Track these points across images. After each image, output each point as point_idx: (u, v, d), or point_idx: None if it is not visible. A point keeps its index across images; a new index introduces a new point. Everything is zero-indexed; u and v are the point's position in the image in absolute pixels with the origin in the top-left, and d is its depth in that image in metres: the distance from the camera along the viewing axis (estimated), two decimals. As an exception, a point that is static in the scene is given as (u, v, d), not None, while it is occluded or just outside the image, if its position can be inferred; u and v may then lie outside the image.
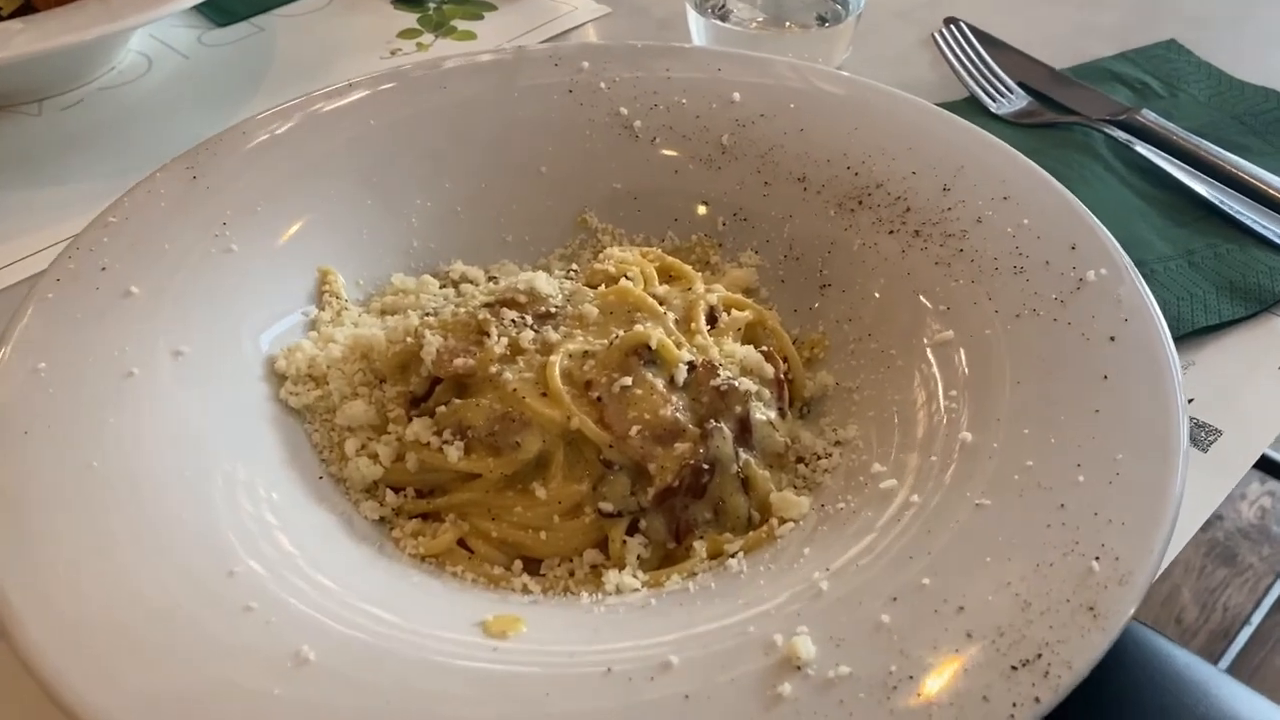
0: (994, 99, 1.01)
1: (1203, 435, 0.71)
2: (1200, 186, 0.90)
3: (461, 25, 1.16)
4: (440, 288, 0.71)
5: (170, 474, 0.54)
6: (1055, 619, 0.46)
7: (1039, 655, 0.45)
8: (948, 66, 1.05)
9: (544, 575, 0.57)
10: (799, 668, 0.46)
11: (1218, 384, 0.73)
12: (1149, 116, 0.97)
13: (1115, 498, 0.51)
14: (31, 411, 0.55)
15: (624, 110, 0.78)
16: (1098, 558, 0.48)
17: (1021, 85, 1.03)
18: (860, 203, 0.71)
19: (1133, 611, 0.47)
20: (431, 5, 1.19)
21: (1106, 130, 0.96)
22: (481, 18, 1.17)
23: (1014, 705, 0.44)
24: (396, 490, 0.61)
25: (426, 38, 1.14)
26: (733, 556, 0.56)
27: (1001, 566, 0.49)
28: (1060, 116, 0.99)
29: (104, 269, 0.64)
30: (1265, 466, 0.69)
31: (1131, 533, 0.49)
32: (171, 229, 0.67)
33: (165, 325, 0.61)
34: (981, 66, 1.04)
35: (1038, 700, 0.44)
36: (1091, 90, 1.02)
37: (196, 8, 1.16)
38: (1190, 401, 0.70)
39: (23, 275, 0.86)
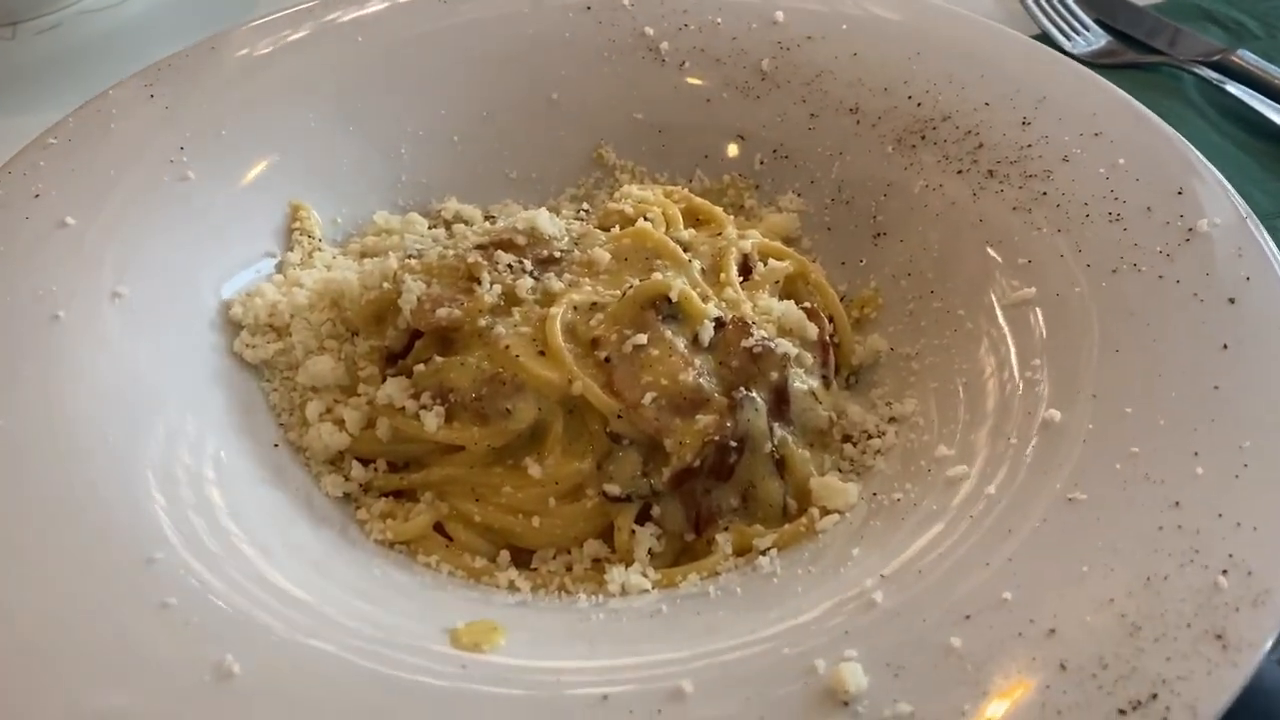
0: (1069, 37, 0.90)
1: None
2: (1309, 136, 0.79)
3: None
4: (430, 228, 0.61)
5: (93, 438, 0.45)
6: (1173, 648, 0.37)
7: (1154, 695, 0.36)
8: (1017, 1, 0.94)
9: (535, 570, 0.48)
10: (846, 703, 0.36)
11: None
12: (1246, 57, 0.86)
13: (1243, 495, 0.41)
14: (-73, 357, 0.47)
15: (650, 30, 0.68)
16: (1225, 570, 0.39)
17: (1099, 23, 0.92)
18: (923, 138, 0.61)
19: (1269, 640, 0.37)
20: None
21: (1197, 72, 0.85)
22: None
23: (1124, 763, 0.34)
24: (365, 463, 0.52)
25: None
26: (764, 554, 0.47)
27: (1102, 579, 0.39)
28: (1144, 57, 0.88)
29: (37, 196, 0.55)
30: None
31: (1266, 540, 0.40)
32: (120, 153, 0.58)
33: (103, 262, 0.53)
34: (1056, 2, 0.93)
35: (1155, 757, 0.34)
36: (1179, 29, 0.91)
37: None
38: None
39: None
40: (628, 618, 0.43)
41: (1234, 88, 0.83)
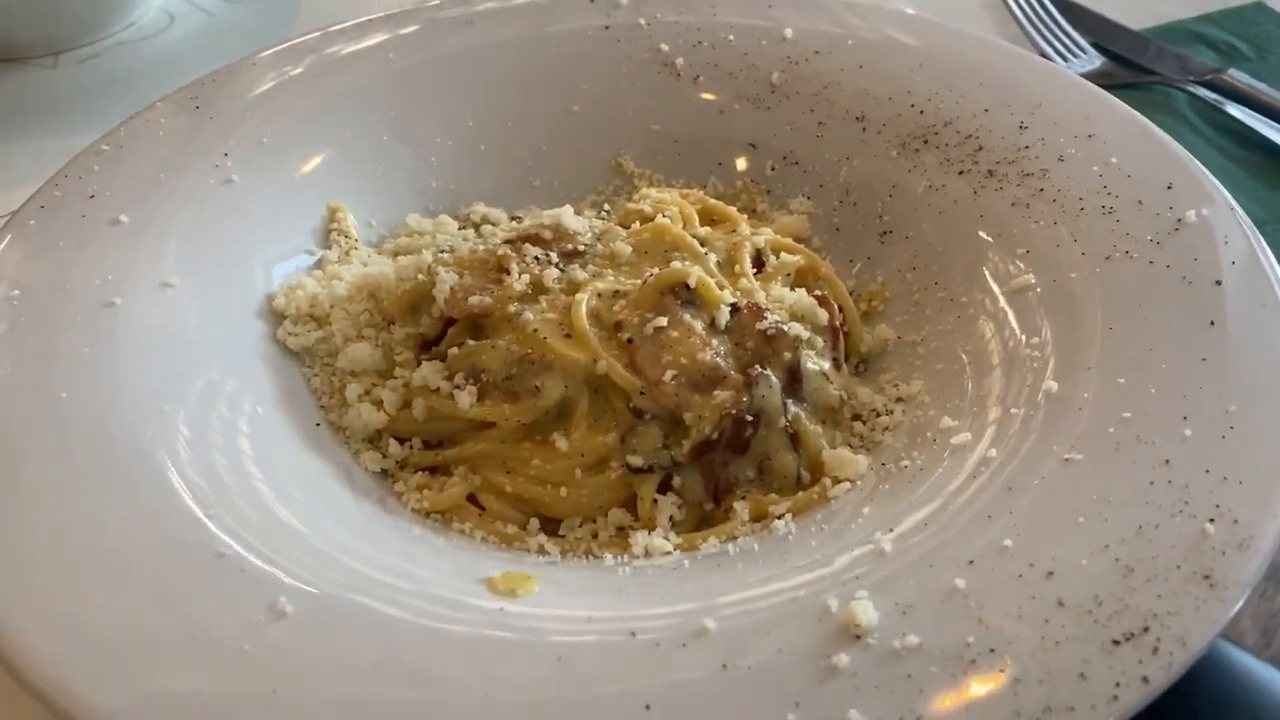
0: (1065, 59, 0.93)
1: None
2: (1297, 148, 0.82)
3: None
4: (459, 229, 0.64)
5: (147, 411, 0.48)
6: (1164, 588, 0.39)
7: (1146, 629, 0.38)
8: (1015, 25, 0.98)
9: (563, 537, 0.51)
10: (858, 636, 0.38)
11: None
12: (1237, 77, 0.89)
13: (1229, 453, 0.44)
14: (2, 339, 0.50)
15: (665, 47, 0.72)
16: (1212, 519, 0.41)
17: (1095, 46, 0.95)
18: (926, 142, 0.64)
19: (1255, 581, 0.40)
20: (466, -35, 1.13)
21: (1190, 90, 0.88)
22: (518, -23, 1.11)
23: (1117, 685, 0.36)
24: (401, 441, 0.54)
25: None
26: (779, 519, 0.49)
27: (1097, 527, 0.42)
28: (1139, 77, 0.92)
29: (92, 197, 0.58)
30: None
31: (1250, 491, 0.42)
32: (168, 158, 0.61)
33: (154, 256, 0.56)
34: (1051, 24, 0.97)
35: (1146, 680, 0.37)
36: (1172, 51, 0.95)
37: (223, -35, 1.12)
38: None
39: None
40: (652, 572, 0.46)
41: (1228, 105, 0.86)
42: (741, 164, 0.70)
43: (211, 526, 0.43)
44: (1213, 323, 0.49)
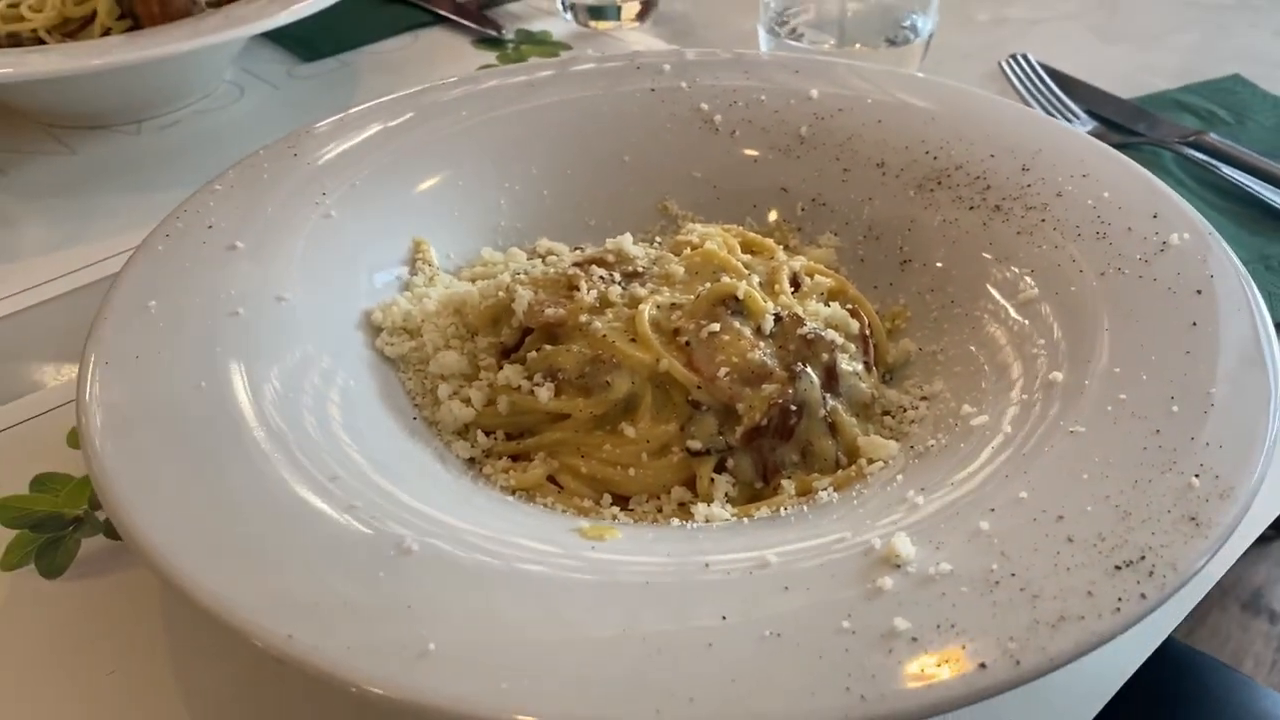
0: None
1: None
2: (1273, 198, 0.91)
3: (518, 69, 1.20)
4: (527, 259, 0.72)
5: (275, 398, 0.56)
6: (1156, 527, 0.46)
7: (1142, 557, 0.45)
8: (1015, 95, 1.07)
9: (633, 510, 0.58)
10: (898, 565, 0.45)
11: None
12: (1217, 139, 0.98)
13: (1210, 424, 0.51)
14: (142, 340, 0.58)
15: (704, 106, 0.81)
16: (1197, 475, 0.48)
17: (1088, 112, 1.05)
18: (939, 183, 0.73)
19: (1235, 522, 0.46)
20: (510, 45, 1.24)
21: (1175, 149, 0.97)
22: (557, 55, 1.21)
23: (1119, 600, 0.43)
24: (487, 433, 0.62)
25: (506, 73, 1.18)
26: (822, 491, 0.56)
27: (1099, 483, 0.49)
28: (1128, 138, 1.01)
29: (210, 227, 0.66)
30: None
31: (1230, 453, 0.49)
32: (274, 196, 0.70)
33: (268, 275, 0.64)
34: (1048, 93, 1.06)
35: (1144, 596, 0.43)
36: (1158, 116, 1.04)
37: (286, 45, 1.23)
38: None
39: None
40: (715, 528, 0.53)
41: (1207, 162, 0.95)
42: (774, 205, 0.78)
43: (337, 491, 0.51)
44: (1195, 324, 0.57)
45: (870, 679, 0.41)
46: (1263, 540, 0.64)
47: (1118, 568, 0.44)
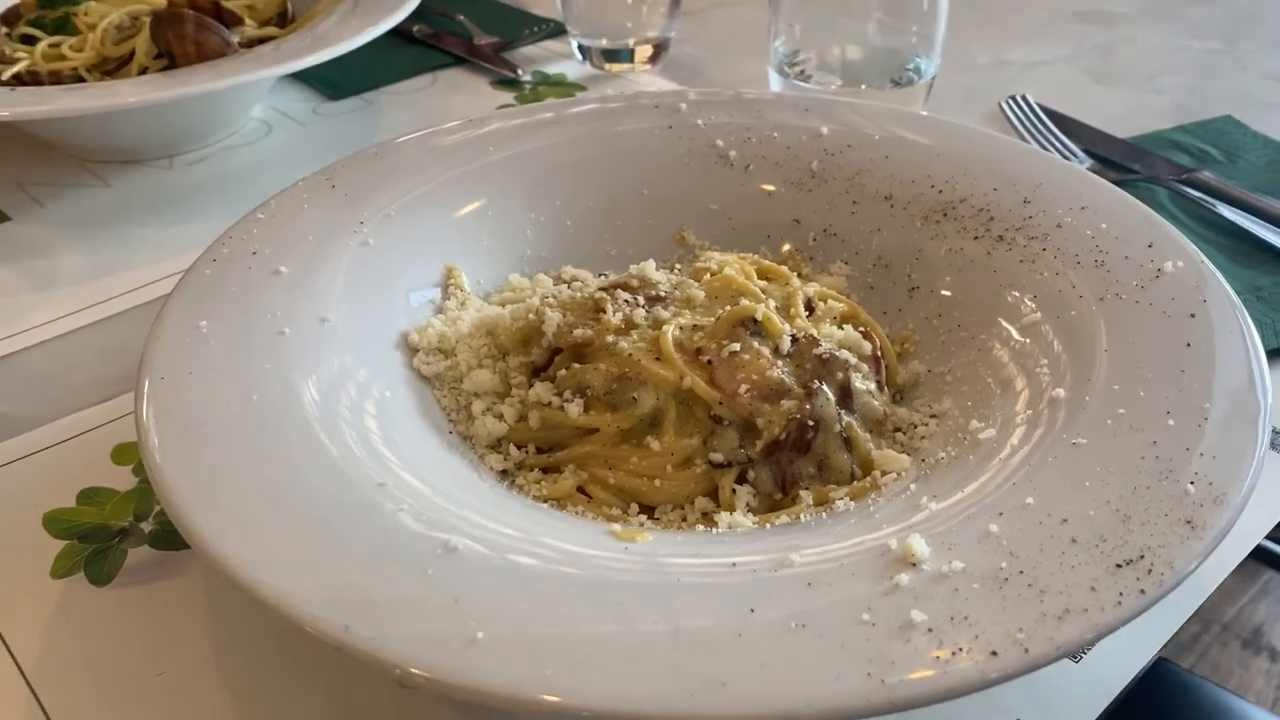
0: (1060, 161, 1.06)
1: (1280, 440, 0.74)
2: (1264, 234, 0.94)
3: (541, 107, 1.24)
4: (554, 285, 0.76)
5: (323, 409, 0.59)
6: (1155, 529, 0.49)
7: (1142, 556, 0.48)
8: (1015, 134, 1.11)
9: (659, 519, 0.61)
10: (914, 564, 0.49)
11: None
12: (1210, 176, 1.03)
13: (1205, 437, 0.54)
14: (195, 357, 0.61)
15: (720, 142, 0.85)
16: (1192, 482, 0.51)
17: (1085, 151, 1.09)
18: (945, 215, 0.76)
19: (1228, 526, 0.50)
20: (527, 85, 1.28)
21: (1170, 186, 1.01)
22: (573, 95, 1.26)
23: (1120, 594, 0.46)
24: (519, 447, 0.65)
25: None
26: (839, 500, 0.59)
27: (1100, 489, 0.52)
28: (1124, 176, 1.05)
29: (254, 253, 0.70)
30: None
31: (1222, 463, 0.52)
32: (314, 224, 0.73)
33: (311, 298, 0.67)
34: (1047, 132, 1.11)
35: (1143, 592, 0.46)
36: (1153, 154, 1.08)
37: (312, 84, 1.27)
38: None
39: (152, 297, 0.94)
40: (740, 532, 0.56)
41: (1200, 198, 0.99)
42: (787, 236, 0.82)
43: (385, 496, 0.54)
44: (1189, 344, 0.60)
45: (890, 665, 0.44)
46: (1261, 575, 0.67)
47: (1119, 566, 0.48)
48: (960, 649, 0.44)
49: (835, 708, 0.42)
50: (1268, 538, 0.68)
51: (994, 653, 0.44)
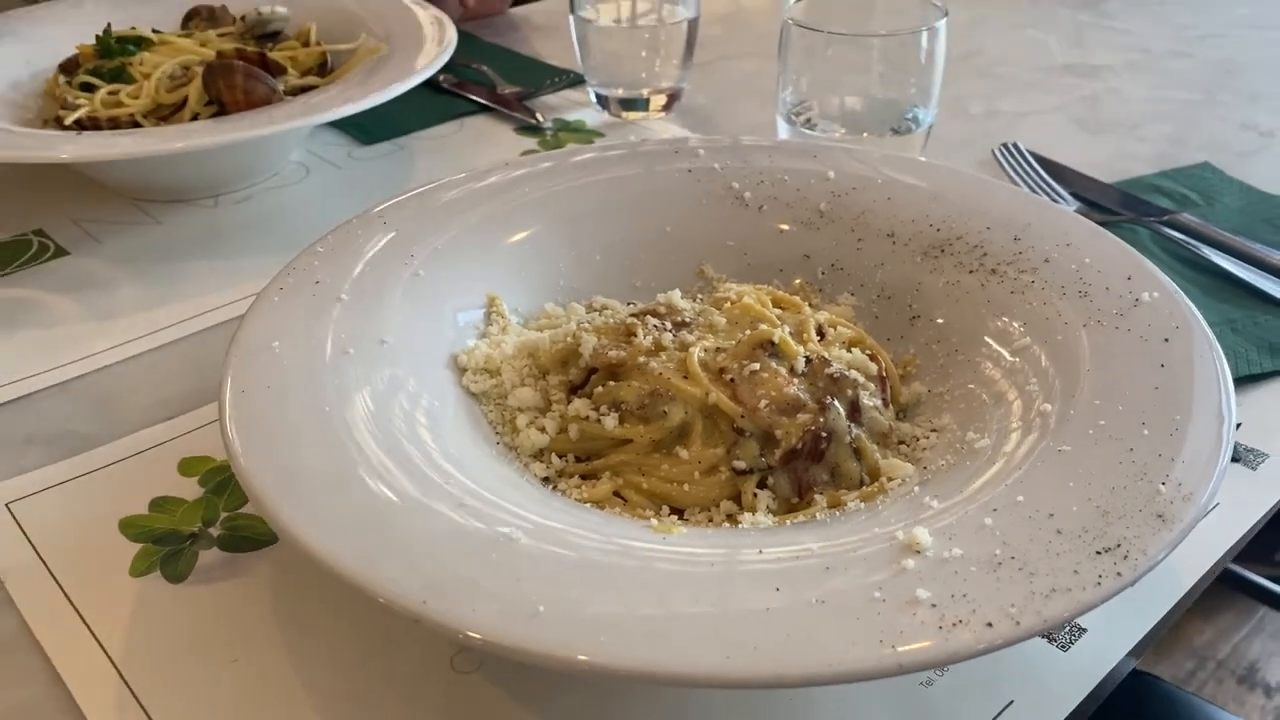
0: (1049, 204, 1.14)
1: (1251, 457, 0.81)
2: (1239, 272, 1.02)
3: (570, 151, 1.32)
4: (587, 313, 0.83)
5: (387, 421, 0.66)
6: (1130, 522, 0.56)
7: (1119, 545, 0.55)
8: (1007, 179, 1.19)
9: (688, 519, 0.68)
10: (918, 551, 0.55)
11: (1263, 424, 0.84)
12: (1189, 219, 1.10)
13: (1175, 444, 0.61)
14: (272, 374, 0.68)
15: (735, 185, 0.92)
16: (1163, 483, 0.58)
17: (1072, 194, 1.17)
18: (943, 251, 0.84)
19: (1195, 520, 0.56)
20: (548, 132, 1.37)
21: (1152, 227, 1.09)
22: (591, 141, 1.34)
23: (1100, 576, 0.53)
24: (560, 456, 0.72)
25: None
26: (850, 502, 0.66)
27: (1082, 488, 0.59)
28: (1109, 217, 1.12)
29: (317, 282, 0.77)
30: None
31: (1191, 467, 0.59)
32: (370, 257, 0.81)
33: (371, 322, 0.74)
34: (1036, 177, 1.19)
35: (1120, 575, 0.53)
36: (1137, 198, 1.16)
37: (347, 130, 1.35)
38: (1238, 426, 0.80)
39: (203, 326, 1.01)
40: (763, 528, 0.63)
41: (1180, 239, 1.07)
42: (798, 270, 0.89)
43: (447, 494, 0.61)
44: (1162, 365, 0.68)
45: (899, 634, 0.50)
46: (1256, 612, 0.73)
47: (1098, 553, 0.54)
48: (960, 621, 0.51)
49: (851, 670, 0.49)
50: (1265, 576, 0.74)
51: (989, 624, 0.51)
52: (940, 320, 0.81)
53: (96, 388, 0.93)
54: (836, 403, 0.70)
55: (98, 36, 1.27)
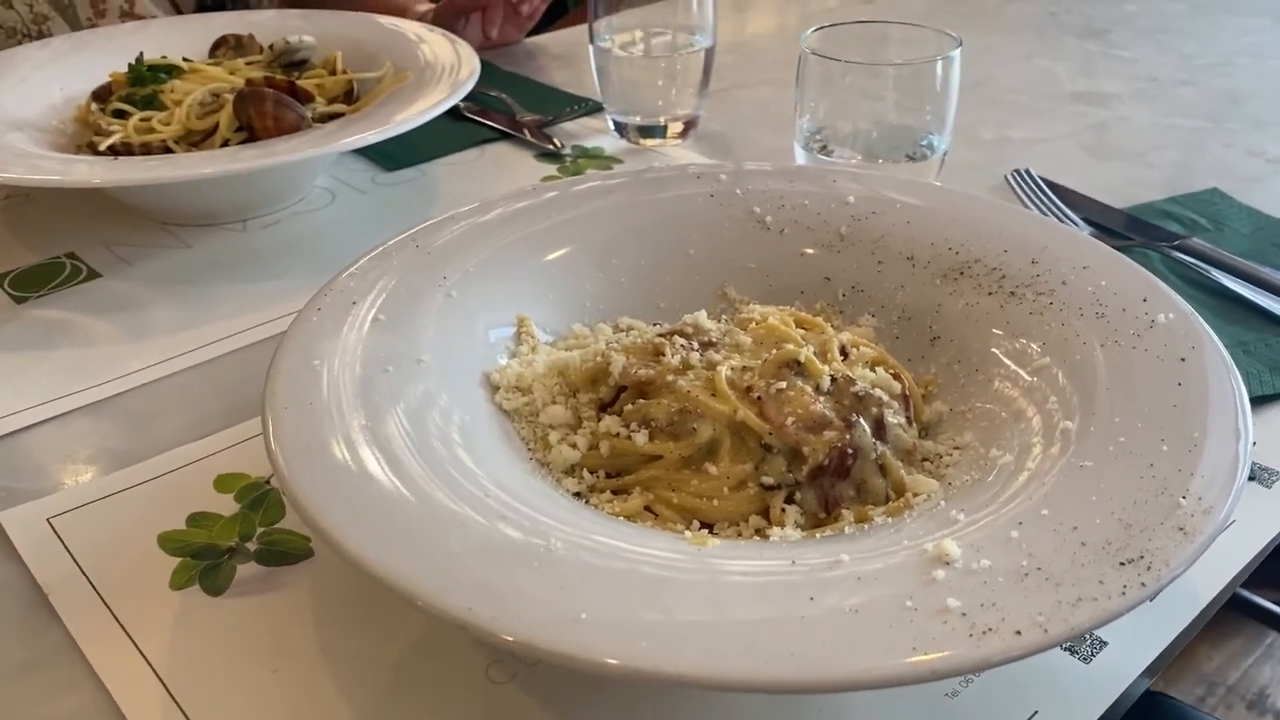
0: (1061, 229, 1.16)
1: (1266, 476, 0.83)
2: (1249, 295, 1.04)
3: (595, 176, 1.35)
4: (614, 333, 0.85)
5: (426, 436, 0.68)
6: (1153, 535, 0.58)
7: (1142, 557, 0.56)
8: (1019, 204, 1.21)
9: (718, 534, 0.69)
10: (948, 562, 0.57)
11: (1276, 443, 0.86)
12: (1199, 243, 1.12)
13: (1194, 460, 0.63)
14: (312, 390, 0.70)
15: (757, 209, 0.95)
16: (1184, 497, 0.60)
17: (1085, 220, 1.19)
18: (961, 273, 0.86)
19: (1216, 533, 0.58)
20: (567, 158, 1.39)
21: (1163, 251, 1.11)
22: (610, 168, 1.36)
23: (1124, 586, 0.55)
24: (591, 472, 0.73)
25: (566, 181, 1.33)
26: (877, 517, 0.68)
27: (1105, 502, 0.61)
28: (1120, 242, 1.14)
29: (354, 303, 0.79)
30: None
31: (1211, 482, 0.61)
32: (403, 278, 0.83)
33: (408, 341, 0.76)
34: (1048, 202, 1.21)
35: (1144, 585, 0.55)
36: (1147, 223, 1.18)
37: (371, 157, 1.38)
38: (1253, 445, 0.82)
39: (233, 348, 1.03)
40: (791, 541, 0.65)
41: (1190, 262, 1.09)
42: (819, 292, 0.91)
43: (487, 507, 0.62)
44: (1180, 384, 0.69)
45: (931, 640, 0.52)
46: (1265, 638, 0.75)
47: (1122, 564, 0.56)
48: (990, 629, 0.52)
49: (887, 675, 0.51)
50: (1274, 601, 0.76)
51: (1018, 632, 0.52)
52: (960, 341, 0.83)
53: (130, 407, 0.95)
54: (862, 420, 0.72)
55: (130, 65, 1.30)
